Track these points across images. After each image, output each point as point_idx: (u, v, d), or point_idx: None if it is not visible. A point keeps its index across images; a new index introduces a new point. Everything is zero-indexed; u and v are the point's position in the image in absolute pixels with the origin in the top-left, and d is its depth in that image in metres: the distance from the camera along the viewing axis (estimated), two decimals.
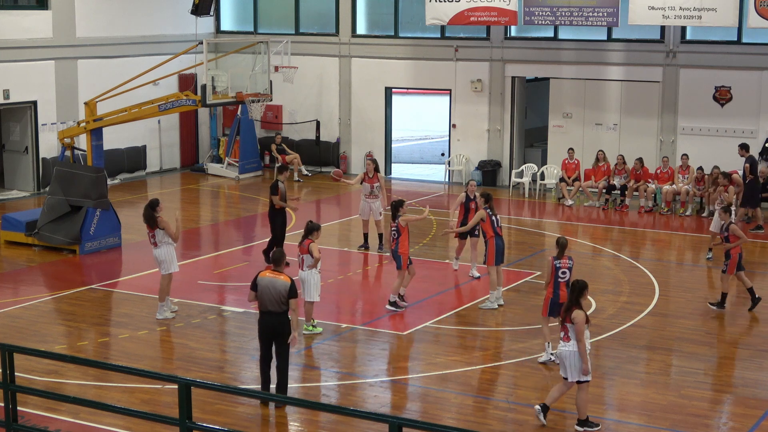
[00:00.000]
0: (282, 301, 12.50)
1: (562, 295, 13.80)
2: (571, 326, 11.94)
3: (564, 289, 13.85)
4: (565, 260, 14.05)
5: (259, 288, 12.64)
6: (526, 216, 24.66)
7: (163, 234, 15.99)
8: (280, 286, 12.49)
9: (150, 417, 10.90)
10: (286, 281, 12.53)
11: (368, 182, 20.28)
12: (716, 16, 23.49)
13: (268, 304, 12.57)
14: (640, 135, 26.01)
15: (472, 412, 12.87)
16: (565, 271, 13.99)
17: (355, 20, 29.33)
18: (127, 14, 28.34)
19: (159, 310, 16.25)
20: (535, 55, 27.25)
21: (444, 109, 29.83)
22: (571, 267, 14.04)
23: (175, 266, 16.25)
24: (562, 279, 13.96)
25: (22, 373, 12.45)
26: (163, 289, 16.23)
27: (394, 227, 16.58)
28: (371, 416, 10.34)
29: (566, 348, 11.97)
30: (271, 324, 12.60)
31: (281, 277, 12.57)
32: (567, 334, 11.97)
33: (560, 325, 12.15)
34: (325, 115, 29.84)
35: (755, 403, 13.09)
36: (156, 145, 29.54)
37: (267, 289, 12.55)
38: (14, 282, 18.55)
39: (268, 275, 12.65)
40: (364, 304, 17.77)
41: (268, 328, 12.64)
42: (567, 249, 14.19)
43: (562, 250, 14.10)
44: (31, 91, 26.08)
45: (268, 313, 12.61)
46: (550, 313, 14.11)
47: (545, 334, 14.32)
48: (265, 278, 12.62)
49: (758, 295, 16.84)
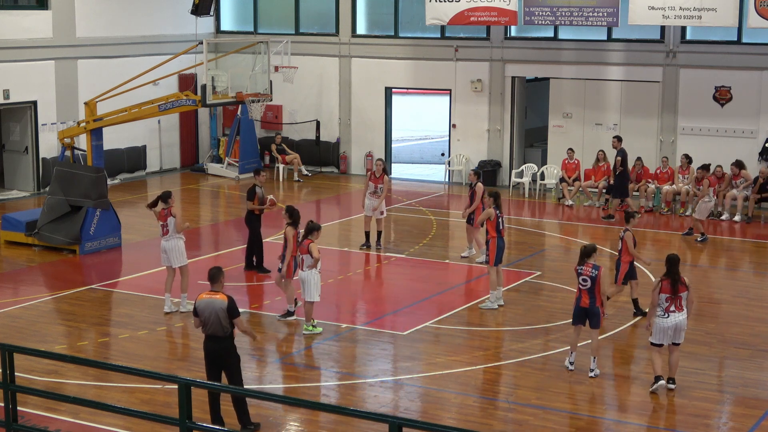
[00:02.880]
0: (224, 323, 11.57)
1: (584, 301, 13.75)
2: (685, 294, 13.05)
3: (586, 296, 13.74)
4: (587, 267, 13.75)
5: (198, 311, 11.67)
6: (526, 216, 24.65)
7: (174, 224, 16.25)
8: (218, 306, 11.54)
9: (150, 417, 10.90)
10: (224, 300, 11.58)
11: (373, 182, 20.32)
12: (716, 16, 23.49)
13: (210, 328, 11.62)
14: (640, 135, 26.01)
15: (472, 412, 12.87)
16: (586, 279, 13.72)
17: (355, 20, 29.33)
18: (127, 14, 28.33)
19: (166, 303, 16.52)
20: (535, 55, 27.25)
21: (444, 109, 29.83)
22: (595, 276, 13.65)
23: (178, 262, 16.36)
24: (583, 286, 13.77)
25: (22, 373, 12.44)
26: (168, 282, 16.49)
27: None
28: (371, 416, 10.33)
29: (683, 316, 13.10)
30: (216, 350, 11.66)
31: (217, 297, 11.64)
32: (680, 303, 13.05)
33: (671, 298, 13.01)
34: (325, 115, 29.84)
35: (755, 403, 13.09)
36: (156, 145, 29.54)
37: (206, 312, 11.59)
38: (14, 282, 18.54)
39: (205, 297, 11.69)
40: (364, 304, 17.77)
41: (213, 354, 11.69)
42: (592, 257, 13.83)
43: (582, 257, 13.85)
44: (31, 91, 26.08)
45: (211, 338, 11.67)
46: (573, 321, 14.03)
47: (571, 342, 14.11)
48: (202, 300, 11.65)
49: (641, 309, 16.20)
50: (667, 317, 13.06)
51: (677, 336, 13.19)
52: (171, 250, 16.37)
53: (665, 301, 13.06)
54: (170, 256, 16.38)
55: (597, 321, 13.85)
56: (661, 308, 13.08)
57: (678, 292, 13.06)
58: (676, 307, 13.06)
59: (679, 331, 13.14)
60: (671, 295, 13.04)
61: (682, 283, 13.12)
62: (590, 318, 13.82)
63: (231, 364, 11.77)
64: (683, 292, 13.10)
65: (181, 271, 16.50)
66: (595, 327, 13.86)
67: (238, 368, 11.85)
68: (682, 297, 13.09)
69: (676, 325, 13.09)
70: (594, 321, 13.82)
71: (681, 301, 13.08)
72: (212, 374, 11.78)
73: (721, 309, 17.25)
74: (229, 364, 11.76)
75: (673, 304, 13.05)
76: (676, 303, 13.06)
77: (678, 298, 13.06)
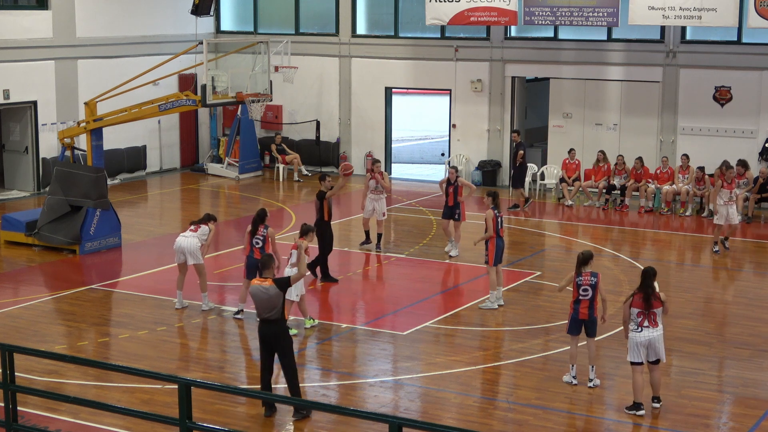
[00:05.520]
0: (277, 306, 12.22)
1: (583, 312, 13.34)
2: (659, 310, 12.48)
3: (585, 307, 13.32)
4: (586, 276, 13.35)
5: (252, 297, 12.45)
6: (526, 216, 24.64)
7: (203, 233, 16.50)
8: (272, 292, 12.22)
9: (150, 417, 10.90)
10: (272, 285, 12.27)
11: (373, 177, 20.36)
12: (716, 16, 23.49)
13: (262, 312, 12.31)
14: (640, 135, 26.01)
15: (472, 412, 12.87)
16: (587, 289, 13.31)
17: (355, 20, 29.33)
18: (127, 14, 28.33)
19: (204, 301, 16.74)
20: (535, 55, 27.26)
21: (444, 109, 29.83)
22: (594, 284, 13.29)
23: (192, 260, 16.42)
24: (584, 297, 13.35)
25: (22, 373, 12.44)
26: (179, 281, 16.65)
27: (261, 236, 15.90)
28: (371, 416, 10.34)
29: (657, 333, 12.48)
30: (269, 333, 12.32)
31: (267, 283, 12.29)
32: (655, 319, 12.46)
33: (643, 313, 12.43)
34: (325, 115, 29.83)
35: (755, 403, 13.09)
36: (156, 145, 29.54)
37: (258, 298, 12.29)
38: (14, 282, 18.54)
39: (256, 283, 12.41)
40: (364, 304, 17.77)
41: (267, 337, 12.35)
42: (589, 264, 13.46)
43: (580, 265, 13.44)
44: (31, 91, 26.08)
45: (265, 322, 12.35)
46: (569, 331, 13.58)
47: (570, 355, 13.64)
48: (255, 287, 12.37)
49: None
50: (640, 331, 12.42)
51: (653, 353, 12.51)
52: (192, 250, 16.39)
53: (637, 316, 12.43)
54: (187, 255, 16.38)
55: (595, 329, 13.53)
56: (635, 323, 12.45)
57: (652, 307, 12.42)
58: (650, 323, 12.41)
59: (653, 347, 12.47)
60: (643, 311, 12.41)
61: (656, 298, 12.47)
62: (588, 327, 13.45)
63: (284, 346, 12.33)
64: (657, 307, 12.46)
65: (198, 270, 16.51)
66: (592, 335, 13.51)
67: (291, 350, 12.41)
68: (656, 313, 12.45)
69: (650, 341, 12.43)
70: (592, 329, 13.47)
71: (656, 317, 12.44)
72: (266, 356, 12.39)
73: (721, 309, 17.26)
74: (282, 346, 12.32)
75: (646, 319, 12.42)
76: (650, 318, 12.42)
77: (652, 313, 12.43)
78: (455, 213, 19.93)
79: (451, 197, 19.92)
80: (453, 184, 19.91)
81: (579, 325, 13.48)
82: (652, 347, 12.47)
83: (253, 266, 15.83)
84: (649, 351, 12.49)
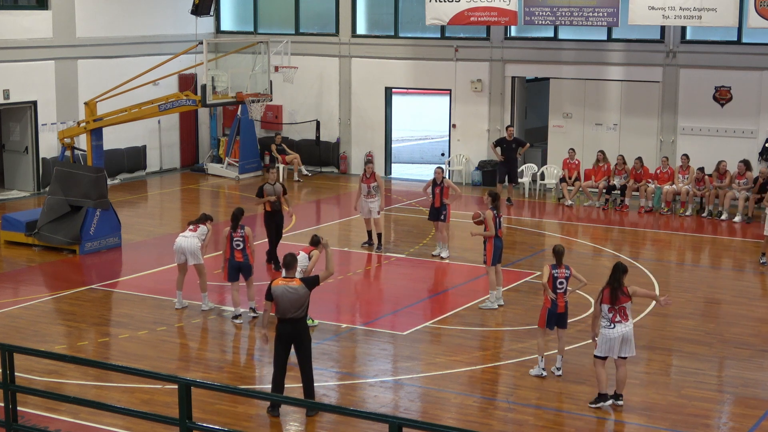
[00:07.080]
0: (305, 304, 12.35)
1: (561, 305, 13.66)
2: (628, 305, 12.47)
3: (562, 299, 13.68)
4: (562, 269, 13.72)
5: (275, 297, 12.31)
6: (526, 216, 24.66)
7: (201, 233, 16.61)
8: (300, 291, 12.28)
9: (150, 417, 10.89)
10: (299, 284, 12.32)
11: (365, 182, 20.32)
12: (716, 16, 23.49)
13: (287, 312, 12.29)
14: (640, 135, 26.01)
15: (472, 412, 12.87)
16: (563, 281, 13.70)
17: (355, 20, 29.33)
18: (127, 14, 28.33)
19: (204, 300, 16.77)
20: (535, 55, 27.25)
21: (444, 109, 29.83)
22: (568, 276, 13.74)
23: (193, 260, 16.48)
24: (560, 289, 13.70)
25: (22, 373, 12.44)
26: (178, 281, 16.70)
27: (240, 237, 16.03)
28: (371, 416, 10.34)
29: (629, 327, 12.52)
30: (292, 332, 12.34)
31: (293, 283, 12.31)
32: (625, 314, 12.48)
33: (613, 309, 12.46)
34: (325, 115, 29.83)
35: (755, 403, 13.09)
36: (156, 145, 29.54)
37: (284, 297, 12.25)
38: (14, 282, 18.54)
39: (280, 283, 12.34)
40: (364, 304, 17.77)
41: (289, 335, 12.36)
42: (564, 257, 13.89)
43: (559, 259, 13.80)
44: (31, 91, 26.08)
45: (289, 321, 12.32)
46: (547, 325, 13.75)
47: (540, 348, 13.89)
48: (278, 287, 12.29)
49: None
50: (613, 328, 12.46)
51: (625, 349, 12.56)
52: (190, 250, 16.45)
53: (608, 312, 12.47)
54: (188, 255, 16.43)
55: (566, 321, 13.94)
56: (607, 319, 12.49)
57: (619, 302, 12.46)
58: (622, 317, 12.47)
59: (626, 342, 12.52)
60: (612, 306, 12.46)
61: (624, 293, 12.50)
62: (561, 319, 13.78)
63: (307, 344, 12.51)
64: (626, 302, 12.50)
65: (198, 271, 16.53)
66: (564, 327, 13.90)
67: (310, 347, 12.56)
68: (625, 307, 12.51)
69: (623, 336, 12.47)
70: (564, 322, 13.85)
71: (625, 311, 12.50)
72: (283, 356, 12.44)
73: (722, 309, 17.26)
74: (305, 344, 12.48)
75: (617, 314, 12.46)
76: (621, 313, 12.47)
77: (621, 308, 12.48)
78: (441, 214, 19.80)
79: (438, 198, 19.74)
80: (439, 185, 19.75)
81: (557, 319, 13.72)
82: (626, 342, 12.59)
83: (234, 269, 15.94)
84: (623, 346, 12.60)
